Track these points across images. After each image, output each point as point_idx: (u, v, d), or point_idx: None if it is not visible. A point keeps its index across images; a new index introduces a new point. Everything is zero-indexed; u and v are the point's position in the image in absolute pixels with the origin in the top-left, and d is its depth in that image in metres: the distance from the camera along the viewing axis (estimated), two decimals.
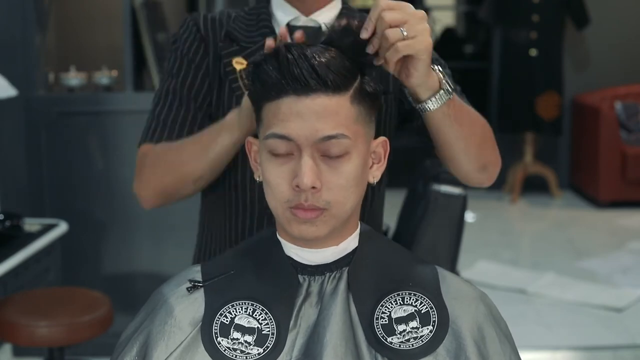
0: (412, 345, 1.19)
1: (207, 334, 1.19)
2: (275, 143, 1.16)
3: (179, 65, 1.51)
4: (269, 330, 1.19)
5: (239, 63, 1.48)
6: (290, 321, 1.20)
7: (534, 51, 6.07)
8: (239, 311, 1.20)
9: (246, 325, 1.20)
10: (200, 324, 1.20)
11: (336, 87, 1.15)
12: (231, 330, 1.19)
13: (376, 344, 1.19)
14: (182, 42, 1.53)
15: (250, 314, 1.20)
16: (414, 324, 1.20)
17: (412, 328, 1.20)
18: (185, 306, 1.22)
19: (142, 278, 3.40)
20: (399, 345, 1.19)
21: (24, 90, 3.22)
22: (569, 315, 3.94)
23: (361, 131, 1.19)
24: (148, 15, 3.48)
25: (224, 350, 1.18)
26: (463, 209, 1.90)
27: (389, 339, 1.19)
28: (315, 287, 1.23)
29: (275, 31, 1.49)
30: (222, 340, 1.19)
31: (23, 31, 3.31)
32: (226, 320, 1.20)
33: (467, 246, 2.64)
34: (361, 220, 1.27)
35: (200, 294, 1.23)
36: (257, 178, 1.25)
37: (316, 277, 1.23)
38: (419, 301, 1.22)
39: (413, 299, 1.22)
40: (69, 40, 3.89)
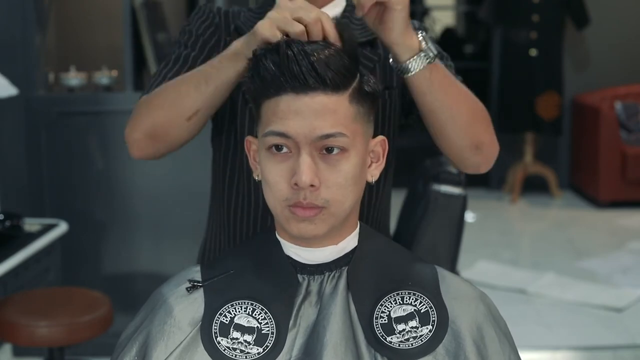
0: (412, 344, 1.19)
1: (207, 333, 1.19)
2: (273, 140, 1.16)
3: (194, 41, 1.48)
4: (268, 330, 1.19)
5: None
6: (289, 320, 1.20)
7: (534, 51, 6.07)
8: (239, 311, 1.20)
9: (246, 325, 1.20)
10: (199, 324, 1.20)
11: (335, 86, 1.15)
12: (231, 329, 1.19)
13: (376, 344, 1.19)
14: (199, 24, 1.50)
15: (250, 313, 1.20)
16: (413, 323, 1.20)
17: (412, 327, 1.20)
18: (184, 306, 1.22)
19: (142, 278, 3.40)
20: (399, 345, 1.19)
21: (24, 90, 3.22)
22: (569, 315, 3.93)
23: (359, 130, 1.19)
24: (148, 15, 3.48)
25: (224, 350, 1.18)
26: (463, 209, 1.90)
27: (388, 339, 1.19)
28: (314, 287, 1.23)
29: None
30: (222, 339, 1.19)
31: (23, 31, 3.30)
32: (226, 320, 1.20)
33: (467, 246, 2.64)
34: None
35: (199, 294, 1.23)
36: (256, 177, 1.25)
37: (315, 277, 1.23)
38: (419, 301, 1.22)
39: (412, 299, 1.22)
40: (69, 40, 3.89)
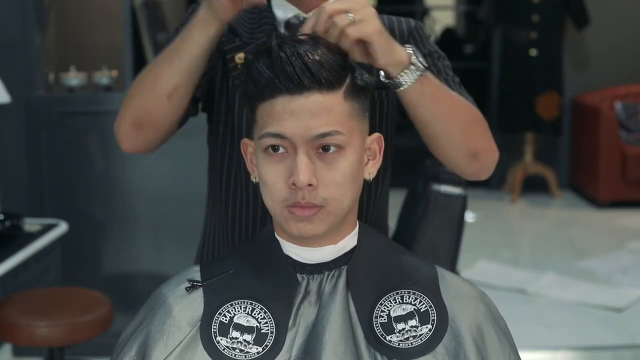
0: (412, 343, 1.19)
1: (206, 333, 1.19)
2: (270, 142, 1.16)
3: None
4: (268, 329, 1.19)
5: (241, 59, 1.47)
6: (289, 320, 1.20)
7: (534, 51, 6.07)
8: (238, 310, 1.20)
9: (245, 324, 1.20)
10: (199, 324, 1.20)
11: (330, 85, 1.15)
12: (230, 329, 1.19)
13: (375, 343, 1.19)
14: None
15: (249, 313, 1.20)
16: (413, 322, 1.20)
17: (411, 327, 1.20)
18: (184, 306, 1.22)
19: (142, 278, 3.40)
20: (398, 344, 1.19)
21: (24, 90, 3.22)
22: (569, 315, 3.93)
23: (356, 127, 1.19)
24: (148, 15, 3.48)
25: (223, 350, 1.18)
26: (463, 209, 1.90)
27: (388, 338, 1.19)
28: (314, 286, 1.23)
29: (276, 28, 1.49)
30: (221, 339, 1.19)
31: (23, 31, 3.31)
32: (225, 320, 1.20)
33: (467, 246, 2.64)
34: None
35: (199, 294, 1.23)
36: (254, 179, 1.25)
37: (315, 276, 1.23)
38: (418, 300, 1.22)
39: (412, 298, 1.22)
40: (69, 40, 3.89)
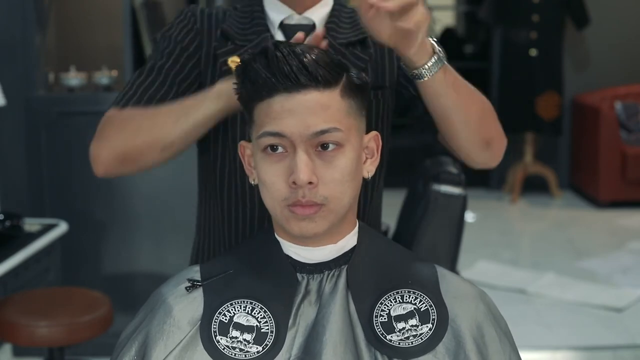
0: (412, 343, 1.19)
1: (206, 332, 1.19)
2: (268, 141, 1.17)
3: (172, 50, 1.48)
4: (268, 329, 1.19)
5: (234, 62, 1.47)
6: (289, 319, 1.20)
7: (534, 51, 6.07)
8: (238, 310, 1.20)
9: (245, 324, 1.20)
10: (199, 323, 1.20)
11: (326, 82, 1.16)
12: (230, 328, 1.19)
13: (375, 342, 1.19)
14: (178, 30, 1.50)
15: (249, 312, 1.20)
16: (413, 321, 1.20)
17: (412, 326, 1.20)
18: (184, 305, 1.22)
19: (142, 278, 3.40)
20: (399, 343, 1.19)
21: (24, 91, 3.22)
22: (569, 315, 3.93)
23: (353, 124, 1.20)
24: (148, 15, 3.48)
25: (223, 349, 1.18)
26: (463, 209, 1.90)
27: (388, 337, 1.19)
28: (314, 286, 1.23)
29: (269, 29, 1.48)
30: (221, 338, 1.19)
31: (23, 31, 3.30)
32: (225, 319, 1.20)
33: (467, 246, 2.64)
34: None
35: (199, 294, 1.23)
36: (252, 182, 1.25)
37: (315, 276, 1.23)
38: (419, 299, 1.22)
39: (412, 297, 1.22)
40: (69, 40, 3.88)
